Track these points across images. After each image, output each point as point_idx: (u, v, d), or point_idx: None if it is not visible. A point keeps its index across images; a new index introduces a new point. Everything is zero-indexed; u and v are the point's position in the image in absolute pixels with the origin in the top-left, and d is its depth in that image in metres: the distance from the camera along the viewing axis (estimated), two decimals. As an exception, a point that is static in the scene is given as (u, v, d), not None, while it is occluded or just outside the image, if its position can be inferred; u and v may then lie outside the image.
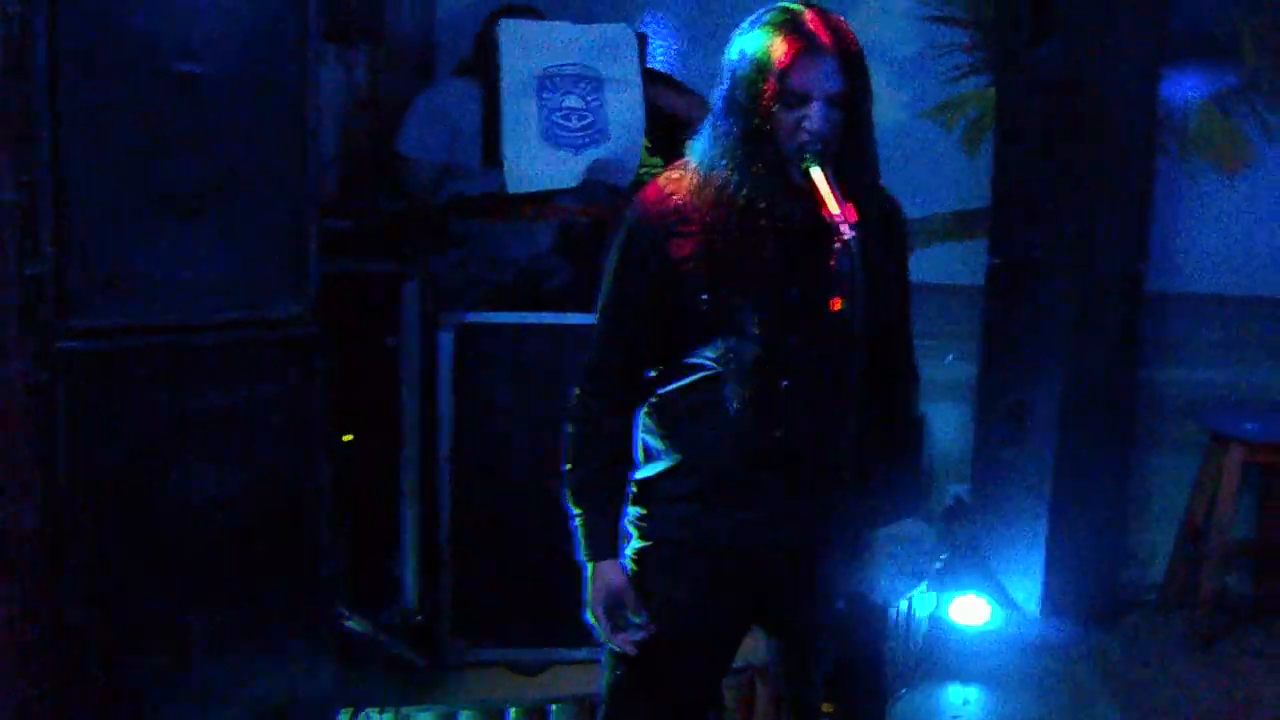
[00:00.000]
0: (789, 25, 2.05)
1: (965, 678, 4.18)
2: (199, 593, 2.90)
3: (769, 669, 2.48)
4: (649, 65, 4.32)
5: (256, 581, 3.03)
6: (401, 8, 4.77)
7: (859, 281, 1.90)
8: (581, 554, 2.27)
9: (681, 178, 2.19)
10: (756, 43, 2.07)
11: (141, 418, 2.75)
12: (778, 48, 2.03)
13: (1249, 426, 4.46)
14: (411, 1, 4.83)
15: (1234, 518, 4.52)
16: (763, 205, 2.09)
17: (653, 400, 2.28)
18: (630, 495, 2.32)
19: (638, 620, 2.24)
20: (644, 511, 2.29)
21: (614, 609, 2.25)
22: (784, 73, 2.02)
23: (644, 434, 2.30)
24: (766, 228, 2.10)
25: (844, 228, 1.91)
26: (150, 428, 2.77)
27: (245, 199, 2.88)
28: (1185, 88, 4.78)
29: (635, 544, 2.30)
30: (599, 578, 2.25)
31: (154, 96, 2.68)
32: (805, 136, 2.03)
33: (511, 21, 3.67)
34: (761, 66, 2.04)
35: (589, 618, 2.28)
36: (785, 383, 2.16)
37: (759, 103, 2.05)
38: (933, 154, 4.91)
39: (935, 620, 4.26)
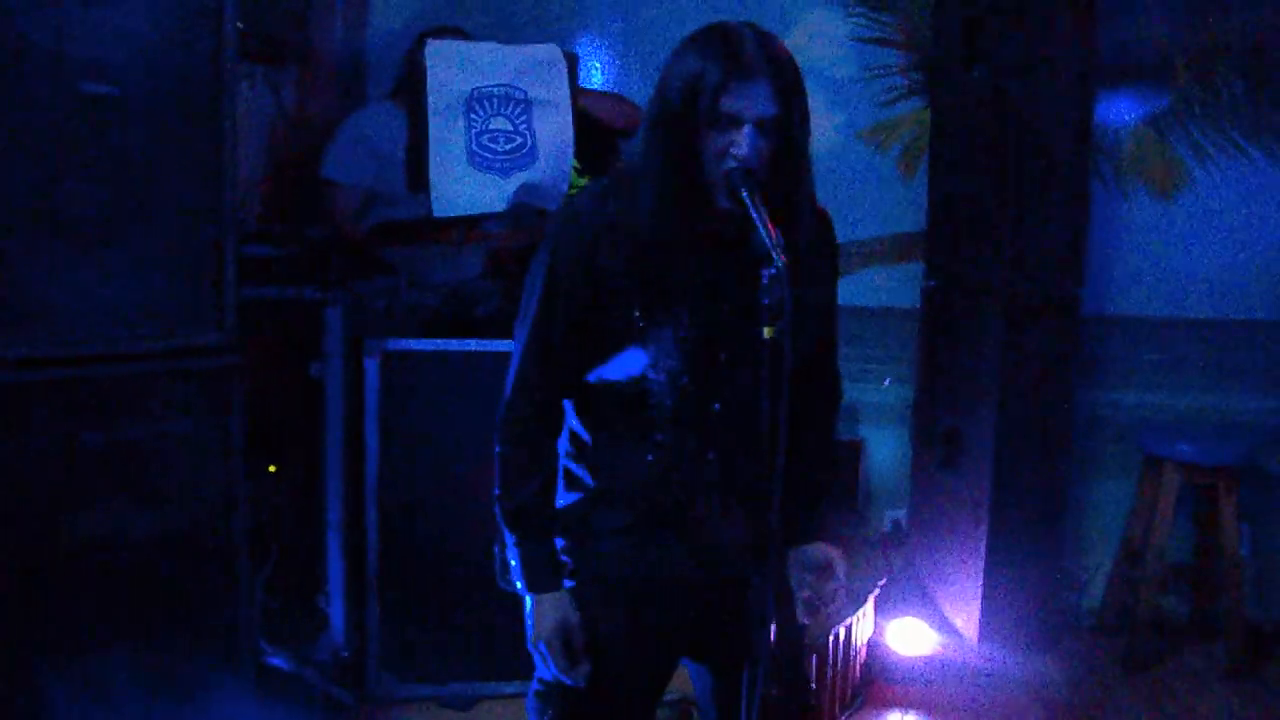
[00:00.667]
0: (723, 46, 1.99)
1: (904, 705, 4.15)
2: (111, 633, 2.81)
3: (699, 700, 2.42)
4: (583, 84, 4.28)
5: (173, 619, 2.95)
6: (332, 27, 4.71)
7: (789, 310, 1.85)
8: (523, 585, 2.18)
9: (610, 191, 2.13)
10: (689, 63, 2.01)
11: (42, 453, 2.66)
12: (710, 69, 1.98)
13: (1184, 448, 4.46)
14: (342, 21, 4.75)
15: (1170, 540, 4.53)
16: (689, 227, 2.04)
17: (578, 424, 2.21)
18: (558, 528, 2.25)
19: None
20: (569, 545, 2.22)
21: (569, 642, 2.17)
22: (715, 95, 1.97)
23: (567, 460, 2.23)
24: (696, 248, 2.05)
25: (774, 254, 1.86)
26: (52, 463, 2.67)
27: (159, 224, 2.81)
28: (1118, 110, 4.79)
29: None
30: (549, 610, 2.17)
31: (57, 118, 2.59)
32: (733, 162, 1.98)
33: (439, 42, 3.61)
34: (693, 87, 1.98)
35: (537, 650, 2.19)
36: (716, 405, 2.11)
37: (688, 124, 1.99)
38: (868, 176, 4.89)
39: (873, 646, 4.22)
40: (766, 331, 1.89)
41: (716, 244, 2.07)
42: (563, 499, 2.24)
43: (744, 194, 1.95)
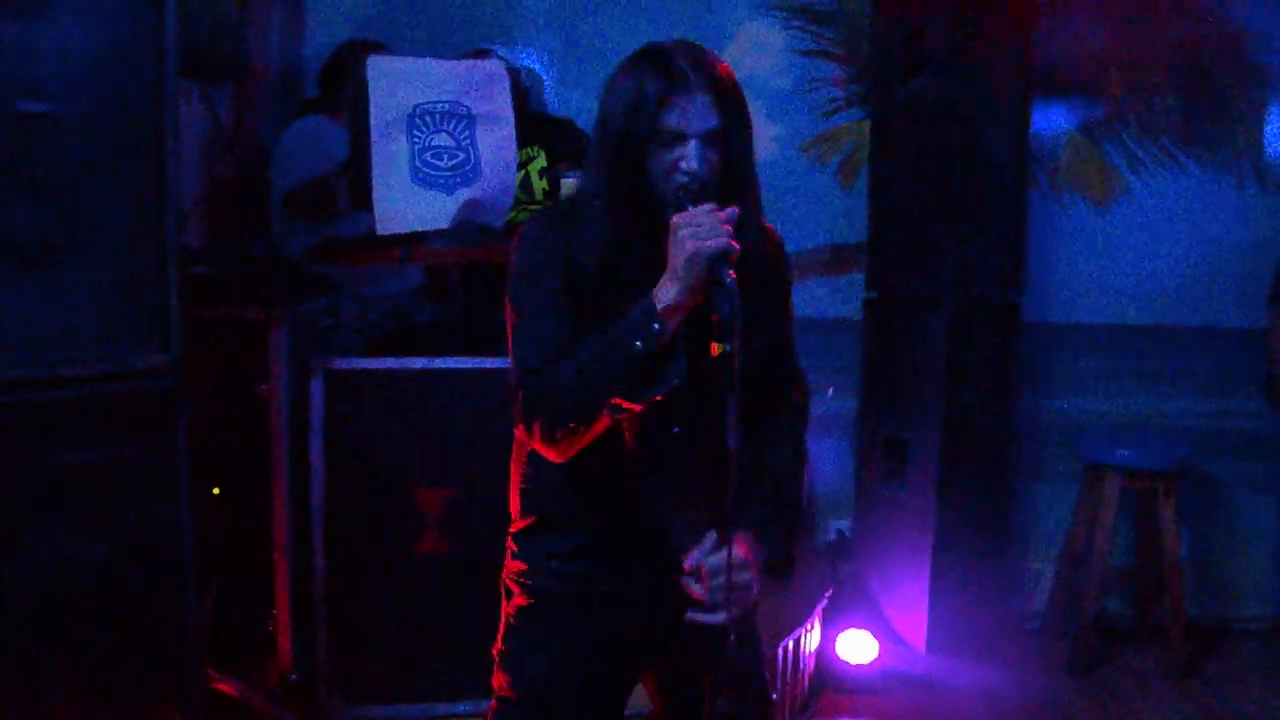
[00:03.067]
0: (660, 63, 1.99)
1: (853, 715, 4.16)
2: (54, 660, 2.75)
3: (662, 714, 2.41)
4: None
5: (118, 645, 2.89)
6: (268, 43, 4.66)
7: (738, 323, 1.84)
8: (655, 317, 1.92)
9: (561, 220, 2.11)
10: (626, 85, 2.01)
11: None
12: (650, 87, 1.97)
13: (1124, 453, 4.52)
14: (280, 36, 4.71)
15: (1112, 544, 4.58)
16: (641, 250, 2.02)
17: (534, 449, 2.18)
18: (509, 551, 2.23)
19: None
20: (526, 568, 2.20)
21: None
22: (657, 112, 1.96)
23: (523, 483, 2.22)
24: (650, 273, 2.02)
25: (724, 272, 1.85)
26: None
27: (99, 245, 2.75)
28: (1055, 120, 4.86)
29: (519, 601, 2.21)
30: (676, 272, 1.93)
31: (-8, 137, 2.54)
32: (683, 178, 1.97)
33: (380, 58, 3.59)
34: (634, 107, 1.98)
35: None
36: (676, 429, 2.11)
37: (633, 144, 1.98)
38: (808, 188, 4.92)
39: (821, 657, 4.23)
40: (715, 347, 1.87)
41: (661, 262, 2.05)
42: (519, 523, 2.22)
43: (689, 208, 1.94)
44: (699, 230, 1.89)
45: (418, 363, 3.55)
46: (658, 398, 1.96)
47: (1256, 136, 4.90)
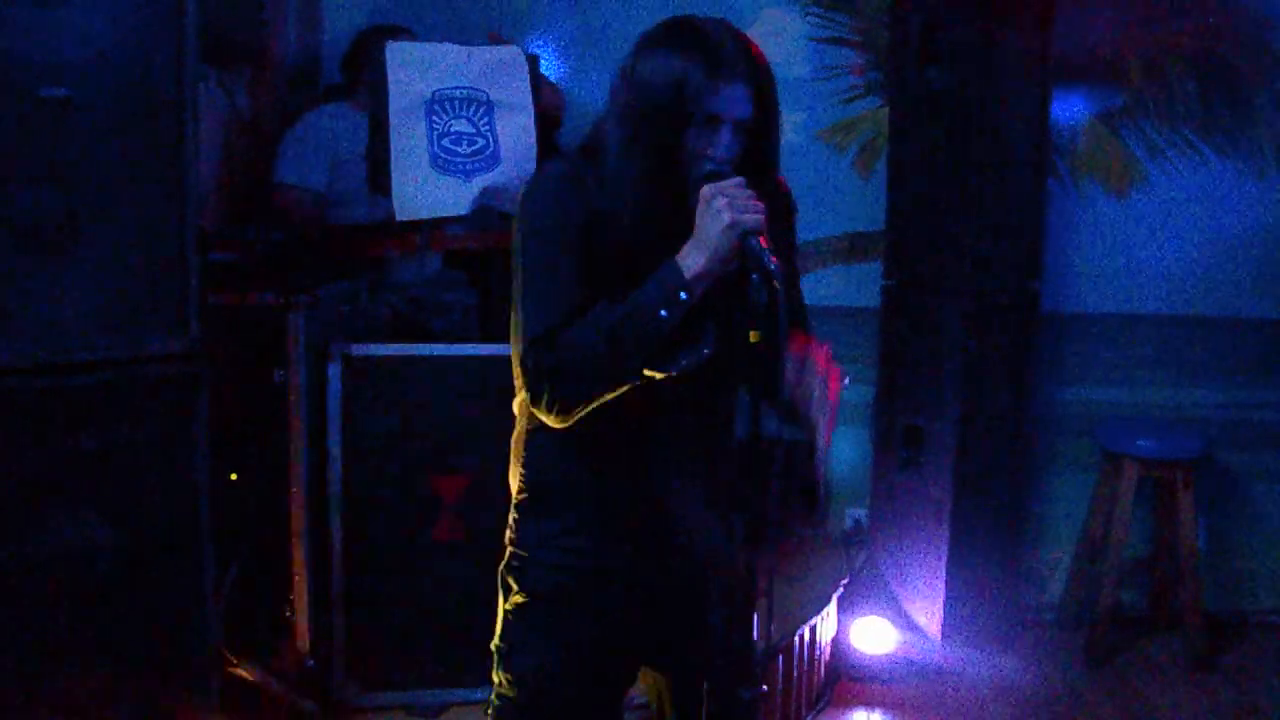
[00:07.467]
0: (704, 45, 1.97)
1: (869, 704, 4.17)
2: (72, 645, 2.76)
3: (661, 704, 2.40)
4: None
5: (136, 630, 2.90)
6: (287, 30, 4.66)
7: (781, 312, 1.81)
8: (682, 286, 1.91)
9: (583, 174, 2.06)
10: (669, 61, 1.97)
11: (2, 464, 2.60)
12: (695, 69, 1.95)
13: (1142, 443, 4.51)
14: (297, 23, 4.70)
15: (1130, 535, 4.57)
16: (666, 225, 2.00)
17: (531, 423, 2.15)
18: (508, 533, 2.21)
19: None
20: (525, 555, 2.18)
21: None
22: (698, 96, 1.94)
23: (524, 454, 2.18)
24: (669, 244, 1.97)
25: (765, 258, 1.83)
26: (12, 474, 2.61)
27: (120, 230, 2.76)
28: (1074, 108, 4.84)
29: (516, 597, 2.19)
30: (700, 249, 1.91)
31: (13, 122, 2.54)
32: (709, 164, 1.96)
33: (399, 44, 3.57)
34: (677, 87, 1.95)
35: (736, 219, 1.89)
36: (677, 399, 2.07)
37: (673, 123, 1.96)
38: (826, 176, 4.90)
39: (838, 646, 4.23)
40: (753, 335, 1.86)
41: (683, 240, 2.03)
42: (518, 500, 2.20)
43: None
44: (735, 202, 1.88)
45: (436, 349, 3.56)
46: (684, 366, 1.95)
47: (1277, 125, 4.87)
